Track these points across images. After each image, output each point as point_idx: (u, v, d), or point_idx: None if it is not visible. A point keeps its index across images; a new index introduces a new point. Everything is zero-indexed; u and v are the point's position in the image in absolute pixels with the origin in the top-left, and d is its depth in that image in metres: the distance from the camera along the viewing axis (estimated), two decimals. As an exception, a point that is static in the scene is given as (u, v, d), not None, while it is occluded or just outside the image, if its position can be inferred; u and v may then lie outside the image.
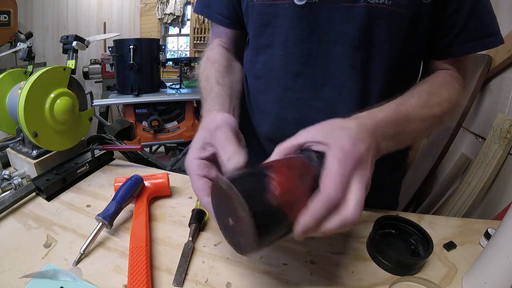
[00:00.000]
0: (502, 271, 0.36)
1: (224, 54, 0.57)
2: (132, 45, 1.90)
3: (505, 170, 1.08)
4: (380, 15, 0.42)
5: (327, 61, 0.46)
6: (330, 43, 0.45)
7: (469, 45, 0.46)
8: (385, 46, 0.44)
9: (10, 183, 0.58)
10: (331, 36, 0.45)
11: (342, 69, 0.46)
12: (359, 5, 0.42)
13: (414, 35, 0.45)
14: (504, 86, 1.15)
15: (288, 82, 0.49)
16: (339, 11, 0.43)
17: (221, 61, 0.54)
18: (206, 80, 0.50)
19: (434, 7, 0.43)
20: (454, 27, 0.45)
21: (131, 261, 0.40)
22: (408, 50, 0.46)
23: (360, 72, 0.46)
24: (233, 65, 0.58)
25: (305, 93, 0.49)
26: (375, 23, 0.43)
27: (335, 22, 0.44)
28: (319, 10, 0.44)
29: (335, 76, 0.47)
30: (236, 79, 0.56)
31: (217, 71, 0.51)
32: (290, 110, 0.51)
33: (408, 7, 0.42)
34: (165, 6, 3.58)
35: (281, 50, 0.49)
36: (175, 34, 3.94)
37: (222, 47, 0.59)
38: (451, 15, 0.44)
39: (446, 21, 0.45)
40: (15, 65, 2.41)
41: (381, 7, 0.42)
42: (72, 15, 3.41)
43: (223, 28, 0.59)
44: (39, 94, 0.58)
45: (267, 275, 0.41)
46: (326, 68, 0.47)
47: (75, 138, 0.68)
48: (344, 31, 0.44)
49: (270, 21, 0.48)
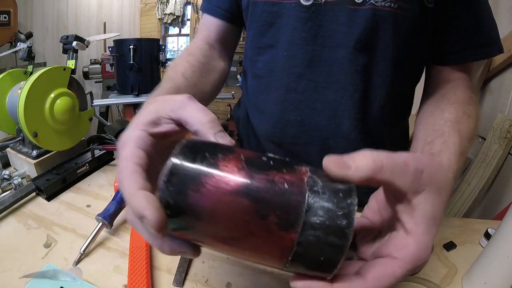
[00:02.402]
0: (502, 271, 0.36)
1: (205, 50, 0.53)
2: (132, 45, 1.90)
3: (505, 170, 1.08)
4: (385, 18, 0.42)
5: (330, 64, 0.46)
6: (334, 46, 0.45)
7: (469, 53, 0.45)
8: (389, 49, 0.44)
9: (10, 183, 0.58)
10: (335, 39, 0.45)
11: (345, 72, 0.46)
12: (364, 7, 0.42)
13: (418, 40, 0.45)
14: (504, 86, 1.16)
15: (291, 84, 0.49)
16: (344, 13, 0.43)
17: (198, 56, 0.50)
18: (172, 70, 0.45)
19: (437, 12, 0.43)
20: (455, 34, 0.45)
21: (131, 261, 0.40)
22: (411, 55, 0.46)
23: (363, 75, 0.45)
24: (211, 64, 0.53)
25: (307, 95, 0.49)
26: (380, 27, 0.42)
27: (340, 24, 0.44)
28: (324, 12, 0.44)
29: (338, 79, 0.46)
30: (209, 80, 0.50)
31: (188, 64, 0.47)
32: (292, 111, 0.50)
33: (412, 10, 0.42)
34: (165, 6, 3.58)
35: (284, 50, 0.48)
36: (175, 34, 3.94)
37: (206, 43, 0.55)
38: (453, 21, 0.44)
39: (447, 27, 0.45)
40: (15, 65, 2.41)
41: (386, 10, 0.41)
42: (72, 15, 3.41)
43: (218, 21, 0.56)
44: (39, 94, 0.58)
45: (267, 275, 0.41)
46: (329, 70, 0.46)
47: (75, 138, 0.68)
48: (349, 34, 0.44)
49: (274, 20, 0.48)
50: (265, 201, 0.19)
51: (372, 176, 0.21)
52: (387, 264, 0.22)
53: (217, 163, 0.20)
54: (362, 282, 0.21)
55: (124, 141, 0.24)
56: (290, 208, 0.19)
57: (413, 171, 0.22)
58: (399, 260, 0.21)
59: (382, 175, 0.21)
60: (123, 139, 0.25)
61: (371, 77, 0.46)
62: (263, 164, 0.21)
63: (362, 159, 0.21)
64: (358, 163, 0.21)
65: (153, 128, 0.26)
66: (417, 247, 0.22)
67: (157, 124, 0.26)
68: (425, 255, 0.22)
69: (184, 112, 0.26)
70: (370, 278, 0.21)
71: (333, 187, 0.20)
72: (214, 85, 0.53)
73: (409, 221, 0.22)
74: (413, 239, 0.22)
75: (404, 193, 0.22)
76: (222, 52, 0.58)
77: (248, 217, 0.19)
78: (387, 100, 0.47)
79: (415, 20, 0.43)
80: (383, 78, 0.46)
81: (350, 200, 0.19)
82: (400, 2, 0.41)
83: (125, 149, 0.24)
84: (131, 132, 0.25)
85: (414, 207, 0.22)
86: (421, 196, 0.22)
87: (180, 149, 0.21)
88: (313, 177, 0.20)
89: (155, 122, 0.26)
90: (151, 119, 0.26)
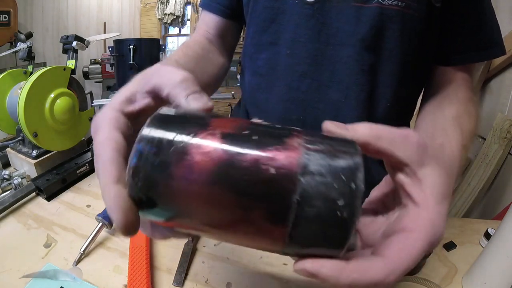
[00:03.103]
0: (502, 271, 0.36)
1: (203, 44, 0.51)
2: (132, 45, 1.90)
3: (505, 170, 1.08)
4: (392, 17, 0.41)
5: (334, 63, 0.45)
6: (338, 44, 0.44)
7: (472, 54, 0.45)
8: (396, 49, 0.44)
9: (10, 183, 0.58)
10: (340, 37, 0.44)
11: (350, 71, 0.45)
12: (370, 5, 0.41)
13: (425, 39, 0.44)
14: (504, 86, 1.16)
15: (294, 83, 0.48)
16: (349, 11, 0.42)
17: (195, 47, 0.48)
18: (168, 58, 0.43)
19: (443, 12, 0.43)
20: (460, 34, 0.45)
21: (131, 261, 0.40)
22: (418, 55, 0.46)
23: (370, 75, 0.45)
24: (209, 56, 0.51)
25: (310, 95, 0.48)
26: (387, 25, 0.42)
27: (344, 22, 0.43)
28: (328, 9, 0.43)
29: (342, 78, 0.46)
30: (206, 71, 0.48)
31: (183, 54, 0.45)
32: (295, 111, 0.49)
33: (419, 10, 0.41)
34: (165, 6, 3.58)
35: (287, 48, 0.47)
36: (175, 34, 3.93)
37: (205, 38, 0.54)
38: (458, 22, 0.44)
39: (452, 28, 0.45)
40: (15, 65, 2.40)
41: (393, 9, 0.41)
42: (72, 15, 3.41)
43: (216, 18, 0.55)
44: (39, 94, 0.58)
45: (267, 275, 0.41)
46: (333, 69, 0.46)
47: (75, 138, 0.68)
48: (354, 32, 0.43)
49: (276, 17, 0.47)
50: (247, 193, 0.16)
51: (369, 141, 0.20)
52: (404, 238, 0.20)
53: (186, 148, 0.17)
54: (382, 259, 0.19)
55: (97, 124, 0.21)
56: (277, 200, 0.16)
57: (415, 143, 0.21)
58: (416, 231, 0.20)
59: (381, 143, 0.21)
60: (97, 122, 0.22)
61: (378, 77, 0.45)
62: (244, 140, 0.17)
63: (360, 125, 0.21)
64: (356, 128, 0.21)
65: (128, 106, 0.23)
66: (431, 216, 0.20)
67: (132, 102, 0.24)
68: (441, 226, 0.20)
69: (156, 78, 0.23)
70: (390, 255, 0.19)
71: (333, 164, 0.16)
72: (213, 78, 0.50)
73: (418, 193, 0.21)
74: (426, 210, 0.21)
75: (407, 164, 0.21)
76: (221, 47, 0.56)
77: (229, 209, 0.17)
78: (394, 100, 0.47)
79: (422, 20, 0.42)
80: (390, 78, 0.46)
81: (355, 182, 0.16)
82: (407, 1, 0.40)
83: (100, 133, 0.21)
84: (105, 113, 0.22)
85: (421, 179, 0.21)
86: (427, 169, 0.21)
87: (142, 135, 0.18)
88: (307, 151, 0.17)
89: (130, 99, 0.24)
90: (126, 97, 0.23)
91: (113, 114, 0.22)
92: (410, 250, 0.19)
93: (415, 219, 0.20)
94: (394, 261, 0.19)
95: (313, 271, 0.18)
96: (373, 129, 0.21)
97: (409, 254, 0.19)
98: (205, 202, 0.17)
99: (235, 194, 0.16)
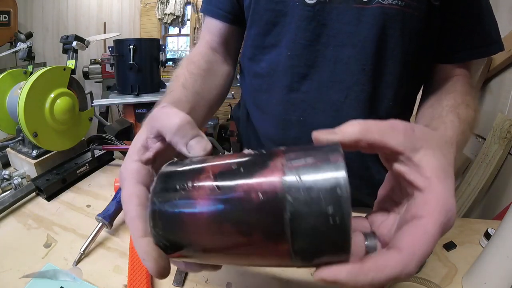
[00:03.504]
0: (502, 271, 0.36)
1: (207, 55, 0.52)
2: (132, 45, 1.90)
3: (505, 170, 1.08)
4: (392, 17, 0.42)
5: (335, 64, 0.45)
6: (338, 45, 0.45)
7: (472, 52, 0.46)
8: (397, 48, 0.44)
9: (10, 183, 0.58)
10: (340, 38, 0.44)
11: (350, 72, 0.45)
12: (371, 6, 0.42)
13: (425, 38, 0.45)
14: (504, 86, 1.16)
15: (294, 84, 0.48)
16: (350, 12, 0.43)
17: (199, 63, 0.49)
18: (174, 81, 0.45)
19: (442, 11, 0.43)
20: (459, 32, 0.45)
21: (131, 261, 0.40)
22: (419, 54, 0.46)
23: (371, 75, 0.45)
24: (214, 69, 0.52)
25: (310, 96, 0.48)
26: (388, 25, 0.42)
27: (345, 23, 0.43)
28: (329, 11, 0.43)
29: (343, 79, 0.46)
30: (212, 87, 0.50)
31: (189, 73, 0.46)
32: (295, 112, 0.50)
33: (419, 8, 0.42)
34: (165, 6, 3.58)
35: (288, 50, 0.47)
36: (175, 34, 3.93)
37: (209, 48, 0.55)
38: (456, 20, 0.44)
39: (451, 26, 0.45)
40: (15, 65, 2.40)
41: (394, 9, 0.41)
42: (72, 15, 3.41)
43: (220, 24, 0.55)
44: (39, 94, 0.58)
45: (267, 275, 0.41)
46: (333, 70, 0.46)
47: (75, 138, 0.68)
48: (355, 33, 0.43)
49: (278, 19, 0.47)
50: (243, 221, 0.18)
51: (360, 137, 0.21)
52: (415, 226, 0.20)
53: (188, 195, 0.20)
54: (398, 252, 0.19)
55: (123, 176, 0.25)
56: (272, 221, 0.18)
57: (402, 129, 0.22)
58: (426, 216, 0.20)
59: (371, 136, 0.21)
60: (122, 173, 0.25)
61: (380, 77, 0.46)
62: (233, 175, 0.19)
63: (348, 125, 0.22)
64: (344, 129, 0.21)
65: (144, 154, 0.26)
66: (438, 197, 0.20)
67: (146, 149, 0.26)
68: (450, 204, 0.20)
69: (158, 123, 0.25)
70: (405, 246, 0.19)
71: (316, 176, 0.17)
72: (219, 91, 0.52)
73: (419, 179, 0.21)
74: (431, 192, 0.20)
75: (401, 152, 0.21)
76: (226, 55, 0.57)
77: (234, 238, 0.19)
78: (394, 100, 0.47)
79: (421, 19, 0.42)
80: (391, 78, 0.46)
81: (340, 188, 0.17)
82: (407, 0, 0.41)
83: (125, 187, 0.24)
84: (127, 166, 0.25)
85: (418, 164, 0.21)
86: (421, 152, 0.22)
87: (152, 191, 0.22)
88: (290, 170, 0.18)
89: (145, 146, 0.26)
90: (141, 145, 0.26)
91: (133, 166, 0.25)
92: (424, 236, 0.19)
93: (423, 205, 0.21)
94: (409, 251, 0.19)
95: (330, 279, 0.18)
96: (361, 125, 0.21)
97: (423, 241, 0.19)
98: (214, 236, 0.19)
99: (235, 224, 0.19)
